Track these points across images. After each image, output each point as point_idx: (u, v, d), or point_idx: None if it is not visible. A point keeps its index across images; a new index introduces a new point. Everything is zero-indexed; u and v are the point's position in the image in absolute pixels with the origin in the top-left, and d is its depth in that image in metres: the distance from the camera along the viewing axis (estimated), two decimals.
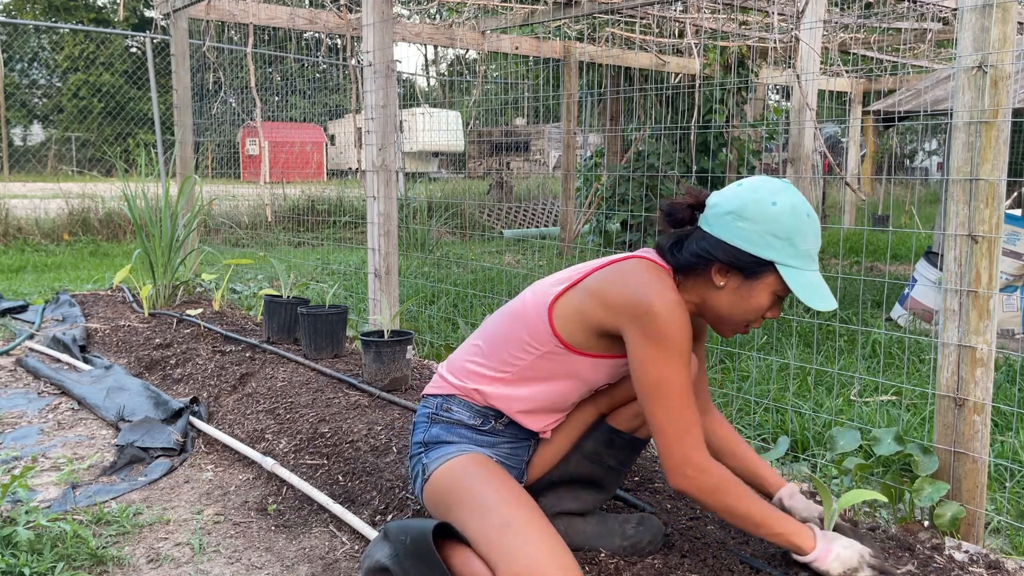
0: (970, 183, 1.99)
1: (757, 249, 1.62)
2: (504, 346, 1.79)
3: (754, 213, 1.62)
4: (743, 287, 1.66)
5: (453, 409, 1.81)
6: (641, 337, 1.61)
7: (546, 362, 1.75)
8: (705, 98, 8.13)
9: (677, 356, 1.59)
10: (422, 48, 29.09)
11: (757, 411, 3.17)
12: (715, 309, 1.71)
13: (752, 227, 1.62)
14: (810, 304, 1.59)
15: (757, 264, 1.63)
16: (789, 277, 1.62)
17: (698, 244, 1.66)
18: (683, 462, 1.60)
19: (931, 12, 6.76)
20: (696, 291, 1.72)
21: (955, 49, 2.04)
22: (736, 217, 1.63)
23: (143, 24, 26.89)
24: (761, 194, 1.64)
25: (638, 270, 1.68)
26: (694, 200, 1.72)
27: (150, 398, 3.18)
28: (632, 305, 1.62)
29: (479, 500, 1.63)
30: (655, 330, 1.59)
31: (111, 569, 2.01)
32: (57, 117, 24.64)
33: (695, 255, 1.66)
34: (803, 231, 1.63)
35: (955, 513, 2.05)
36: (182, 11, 5.82)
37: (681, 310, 1.61)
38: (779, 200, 1.63)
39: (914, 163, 23.64)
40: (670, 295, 1.61)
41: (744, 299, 1.67)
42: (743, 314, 1.69)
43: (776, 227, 1.62)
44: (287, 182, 12.04)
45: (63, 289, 5.74)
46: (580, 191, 9.49)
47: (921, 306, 5.05)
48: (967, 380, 2.04)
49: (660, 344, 1.59)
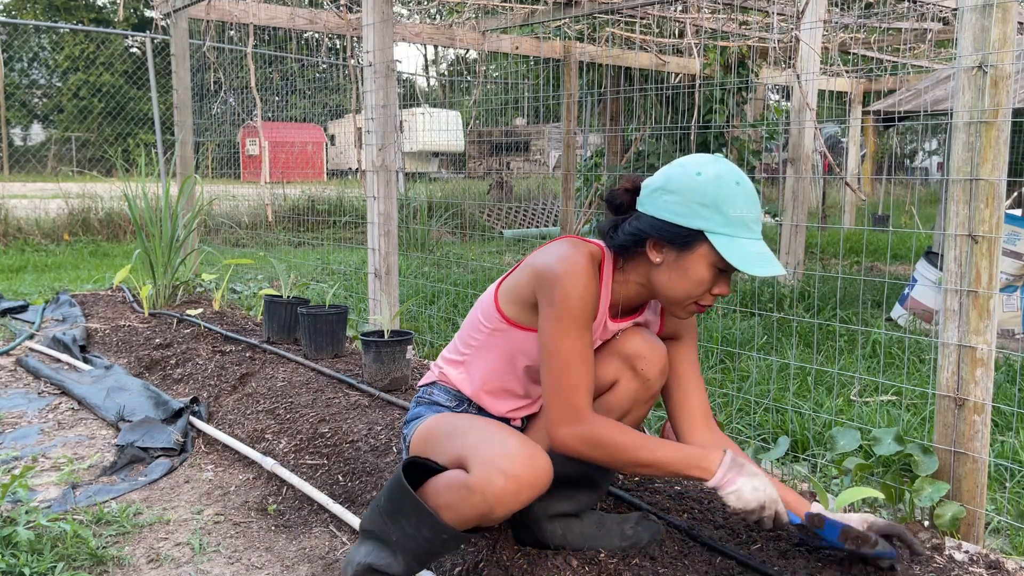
0: (970, 183, 1.99)
1: (684, 219, 1.63)
2: (466, 330, 1.90)
3: (679, 185, 1.65)
4: (679, 260, 1.66)
5: (435, 393, 1.92)
6: (544, 302, 1.67)
7: (494, 339, 1.82)
8: (705, 98, 8.13)
9: (572, 322, 1.64)
10: (422, 48, 29.09)
11: (757, 411, 3.17)
12: (659, 287, 1.72)
13: (678, 198, 1.64)
14: (748, 271, 1.57)
15: (687, 235, 1.64)
16: (721, 245, 1.61)
17: (632, 224, 1.70)
18: (558, 422, 1.65)
19: (931, 12, 6.76)
20: (638, 272, 1.75)
21: (955, 49, 2.04)
22: (663, 191, 1.66)
23: (143, 24, 26.88)
24: (687, 167, 1.66)
25: (563, 244, 1.73)
26: (631, 185, 1.76)
27: (150, 398, 3.18)
28: (542, 272, 1.68)
29: (450, 430, 1.74)
30: (553, 295, 1.65)
31: (111, 569, 2.01)
32: (57, 117, 24.65)
33: (629, 234, 1.70)
34: (731, 198, 1.63)
35: (955, 513, 2.05)
36: (182, 11, 5.82)
37: (584, 280, 1.65)
38: (704, 170, 1.64)
39: (914, 163, 23.64)
40: (578, 265, 1.66)
41: (683, 273, 1.67)
42: (686, 290, 1.68)
43: (701, 196, 1.62)
44: (287, 182, 12.04)
45: (63, 289, 5.74)
46: (580, 191, 9.49)
47: (921, 306, 5.05)
48: (967, 380, 2.04)
49: (557, 309, 1.64)
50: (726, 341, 4.28)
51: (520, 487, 1.54)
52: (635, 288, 1.77)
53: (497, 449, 1.59)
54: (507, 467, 1.54)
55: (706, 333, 4.40)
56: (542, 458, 1.59)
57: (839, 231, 9.31)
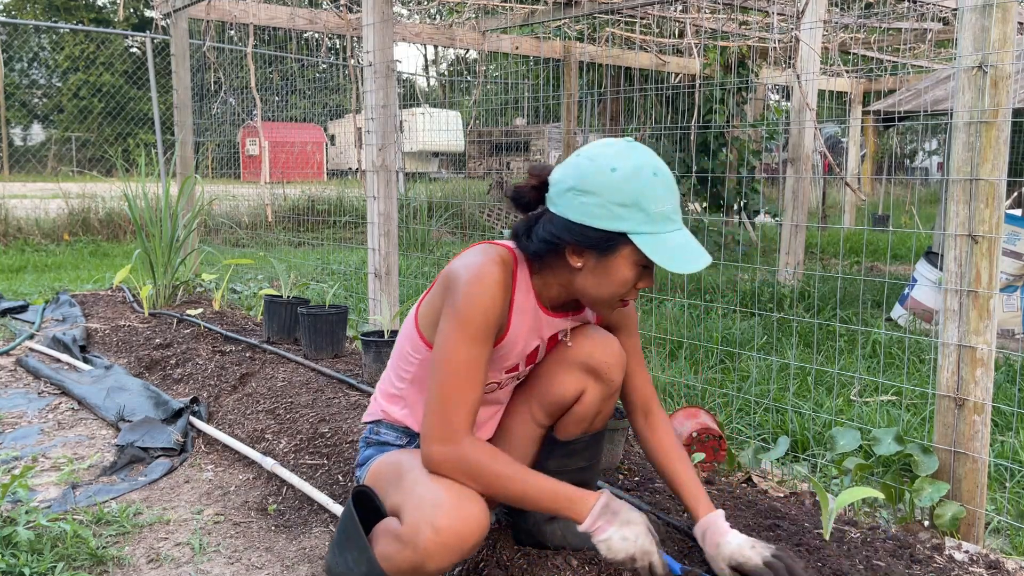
0: (970, 183, 1.99)
1: (604, 222, 1.50)
2: (398, 362, 1.76)
3: (595, 184, 1.50)
4: (601, 264, 1.55)
5: (382, 431, 1.81)
6: (447, 309, 1.56)
7: (427, 371, 1.64)
8: (705, 98, 8.13)
9: (471, 333, 1.52)
10: (422, 48, 29.09)
11: (757, 411, 3.17)
12: (581, 291, 1.60)
13: (594, 200, 1.49)
14: (674, 270, 1.48)
15: (608, 238, 1.51)
16: (645, 245, 1.49)
17: (545, 228, 1.56)
18: (433, 437, 1.52)
19: (931, 12, 6.76)
20: (558, 275, 1.62)
21: (955, 49, 2.04)
22: (577, 192, 1.51)
23: (143, 24, 26.89)
24: (600, 162, 1.51)
25: (473, 252, 1.61)
26: (538, 180, 1.61)
27: (150, 398, 3.18)
28: (449, 281, 1.58)
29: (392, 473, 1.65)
30: (456, 303, 1.53)
31: (111, 569, 2.01)
32: (57, 117, 24.65)
33: (544, 240, 1.56)
34: (651, 193, 1.50)
35: (955, 513, 2.06)
36: (182, 11, 5.82)
37: (491, 291, 1.53)
38: (619, 165, 1.50)
39: (914, 163, 23.64)
40: (485, 275, 1.53)
41: (606, 276, 1.55)
42: (611, 291, 1.57)
43: (620, 195, 1.49)
44: (287, 182, 12.04)
45: (63, 289, 5.74)
46: None
47: (921, 306, 5.05)
48: (967, 380, 2.04)
49: (457, 317, 1.53)
50: (726, 341, 4.28)
51: (449, 540, 1.43)
52: (556, 289, 1.66)
53: (428, 497, 1.48)
54: (435, 518, 1.44)
55: (706, 333, 4.40)
56: (475, 506, 1.47)
57: (839, 231, 9.31)
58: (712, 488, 2.33)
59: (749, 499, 2.23)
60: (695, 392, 3.39)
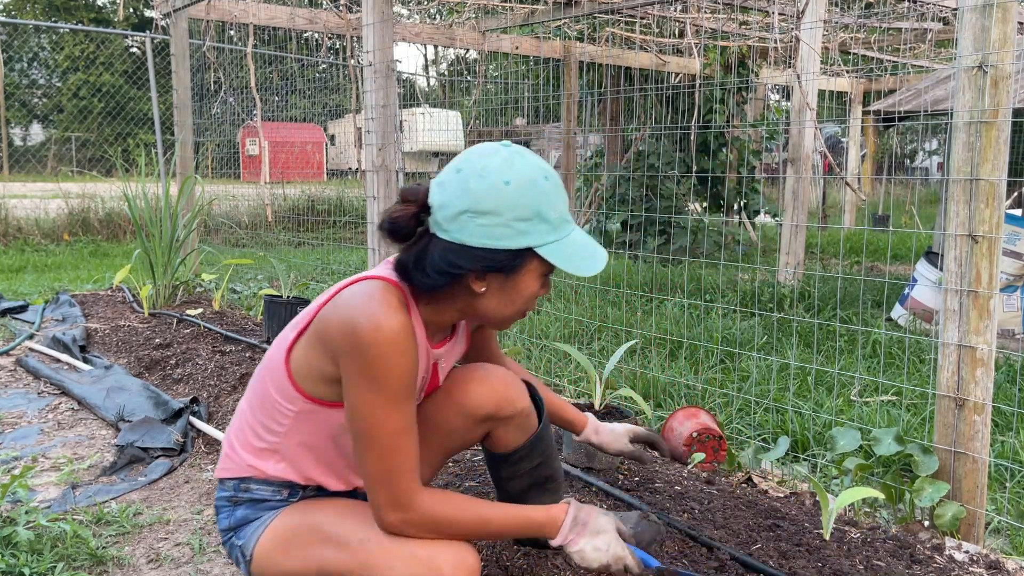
0: (970, 183, 1.99)
1: (508, 241, 1.39)
2: (264, 411, 1.56)
3: (491, 204, 1.37)
4: (507, 284, 1.45)
5: (253, 488, 1.59)
6: (352, 372, 1.38)
7: (306, 423, 1.52)
8: (705, 98, 8.13)
9: (391, 395, 1.37)
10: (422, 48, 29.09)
11: (757, 411, 3.17)
12: (484, 314, 1.49)
13: (495, 220, 1.38)
14: (583, 273, 1.42)
15: (515, 257, 1.41)
16: (553, 256, 1.42)
17: (442, 259, 1.40)
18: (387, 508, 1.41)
19: (931, 12, 6.76)
20: (456, 303, 1.49)
21: (955, 49, 2.04)
22: (473, 215, 1.38)
23: (143, 24, 26.89)
24: (490, 177, 1.39)
25: (357, 296, 1.42)
26: (417, 206, 1.43)
27: (150, 398, 3.18)
28: (342, 338, 1.38)
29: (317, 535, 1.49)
30: (364, 366, 1.36)
31: (111, 569, 2.01)
32: (57, 117, 24.66)
33: (443, 273, 1.40)
34: (548, 200, 1.42)
35: (955, 513, 2.06)
36: (182, 11, 5.82)
37: (401, 340, 1.37)
38: (511, 177, 1.39)
39: (914, 163, 23.65)
40: (395, 329, 1.36)
41: (513, 295, 1.46)
42: (517, 308, 1.49)
43: (520, 210, 1.39)
44: (287, 182, 12.05)
45: (63, 289, 5.74)
46: (580, 191, 9.49)
47: (921, 306, 5.05)
48: (967, 380, 2.04)
49: (371, 382, 1.36)
50: (726, 341, 4.28)
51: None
52: (452, 316, 1.52)
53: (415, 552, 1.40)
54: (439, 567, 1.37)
55: (706, 333, 4.40)
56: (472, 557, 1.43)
57: (839, 231, 9.31)
58: (712, 488, 2.33)
59: (749, 499, 2.23)
60: (695, 392, 3.39)
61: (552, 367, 3.79)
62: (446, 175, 1.43)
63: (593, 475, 2.34)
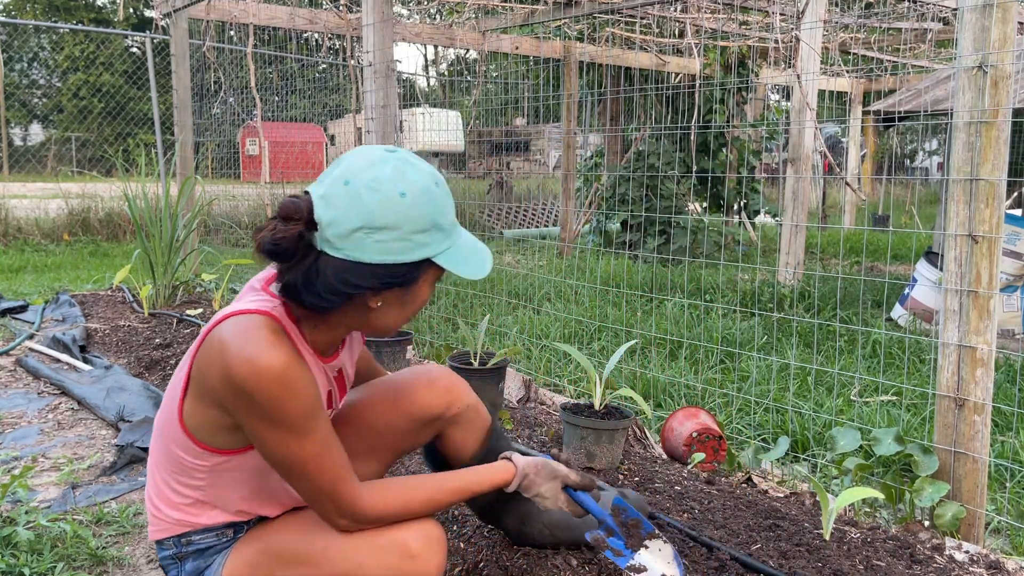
0: (970, 183, 1.99)
1: (407, 255, 1.35)
2: (175, 471, 1.49)
3: (389, 219, 1.32)
4: (404, 296, 1.41)
5: (194, 540, 1.53)
6: (247, 417, 1.34)
7: (224, 473, 1.48)
8: (705, 98, 8.14)
9: (295, 428, 1.34)
10: (422, 48, 29.09)
11: (757, 411, 3.17)
12: (376, 327, 1.46)
13: (392, 235, 1.32)
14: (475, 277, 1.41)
15: (413, 269, 1.37)
16: (449, 263, 1.40)
17: (336, 278, 1.32)
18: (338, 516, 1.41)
19: (931, 12, 6.76)
20: (347, 320, 1.44)
21: (955, 49, 2.04)
22: (369, 231, 1.31)
23: (143, 24, 26.89)
24: (384, 190, 1.32)
25: (229, 338, 1.34)
26: (303, 224, 1.33)
27: (150, 398, 3.18)
28: (225, 389, 1.33)
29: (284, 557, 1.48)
30: (258, 410, 1.32)
31: (111, 569, 2.01)
32: (57, 117, 24.66)
33: (337, 293, 1.34)
34: (442, 207, 1.38)
35: (955, 513, 2.06)
36: (182, 11, 5.82)
37: (287, 377, 1.31)
38: (405, 188, 1.33)
39: (914, 163, 23.66)
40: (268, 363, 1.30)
41: (409, 305, 1.44)
42: (408, 316, 1.47)
43: (418, 222, 1.34)
44: (287, 182, 12.04)
45: (63, 289, 5.74)
46: (580, 191, 9.50)
47: (921, 306, 5.05)
48: (967, 380, 2.04)
49: (270, 423, 1.33)
50: (726, 341, 4.28)
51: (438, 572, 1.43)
52: (341, 333, 1.49)
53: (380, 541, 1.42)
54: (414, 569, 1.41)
55: (706, 333, 4.40)
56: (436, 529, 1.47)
57: (839, 231, 9.32)
58: (712, 488, 2.33)
59: (749, 499, 2.23)
60: (695, 392, 3.39)
61: (552, 367, 3.79)
62: (330, 188, 1.33)
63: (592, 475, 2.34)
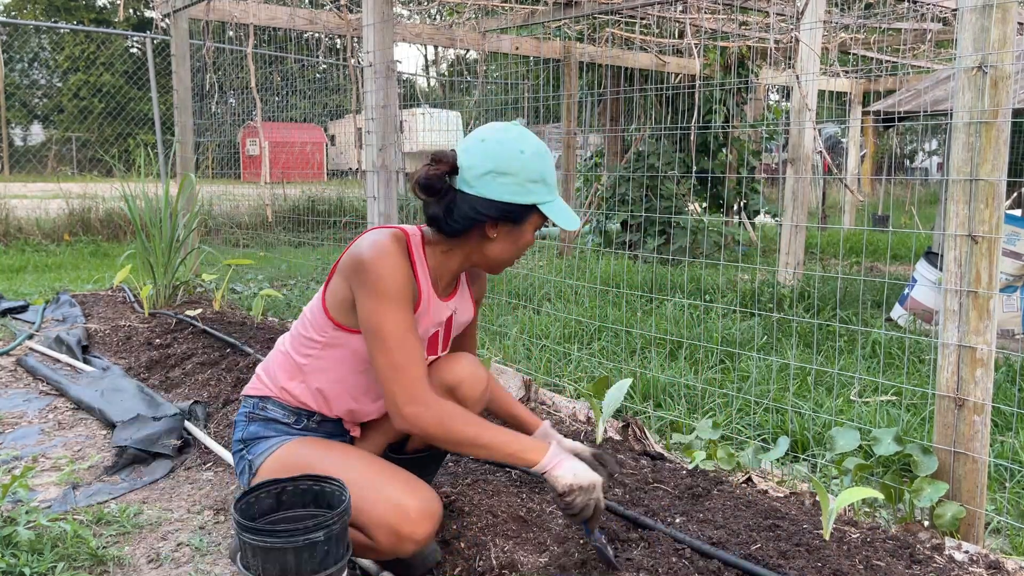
0: (970, 183, 1.99)
1: (521, 197, 1.75)
2: (301, 343, 1.89)
3: (511, 166, 1.74)
4: (513, 232, 1.81)
5: (269, 408, 1.91)
6: (360, 290, 1.73)
7: (333, 350, 1.85)
8: (705, 98, 8.14)
9: (390, 302, 1.70)
10: (422, 48, 29.06)
11: (757, 411, 3.17)
12: (491, 257, 1.84)
13: (513, 179, 1.74)
14: (565, 227, 1.77)
15: (524, 210, 1.78)
16: (550, 211, 1.79)
17: (470, 208, 1.75)
18: (402, 402, 1.69)
19: (931, 12, 6.76)
20: (468, 247, 1.84)
21: (955, 49, 2.04)
22: (496, 174, 1.74)
23: (143, 24, 26.88)
24: (509, 146, 1.75)
25: (367, 235, 1.80)
26: (448, 166, 1.77)
27: (145, 400, 3.18)
28: (351, 265, 1.75)
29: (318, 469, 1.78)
30: (367, 279, 1.71)
31: (111, 569, 2.01)
32: (57, 117, 24.63)
33: (469, 219, 1.76)
34: (549, 168, 1.80)
35: (955, 513, 2.06)
36: (182, 11, 5.82)
37: (394, 260, 1.72)
38: (525, 148, 1.76)
39: (914, 163, 23.65)
40: (385, 248, 1.73)
41: (516, 242, 1.82)
42: (514, 253, 1.85)
43: (531, 173, 1.75)
44: (287, 182, 12.04)
45: (63, 289, 5.74)
46: (580, 191, 9.49)
47: (921, 306, 5.05)
48: (967, 380, 2.04)
49: (373, 293, 1.70)
50: (726, 341, 4.28)
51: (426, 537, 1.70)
52: (460, 259, 1.86)
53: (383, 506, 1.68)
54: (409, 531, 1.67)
55: (706, 333, 4.40)
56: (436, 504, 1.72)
57: (839, 231, 9.31)
58: (712, 488, 2.33)
59: (749, 499, 2.23)
60: (695, 392, 3.39)
61: (552, 367, 3.79)
62: (470, 143, 1.77)
63: None
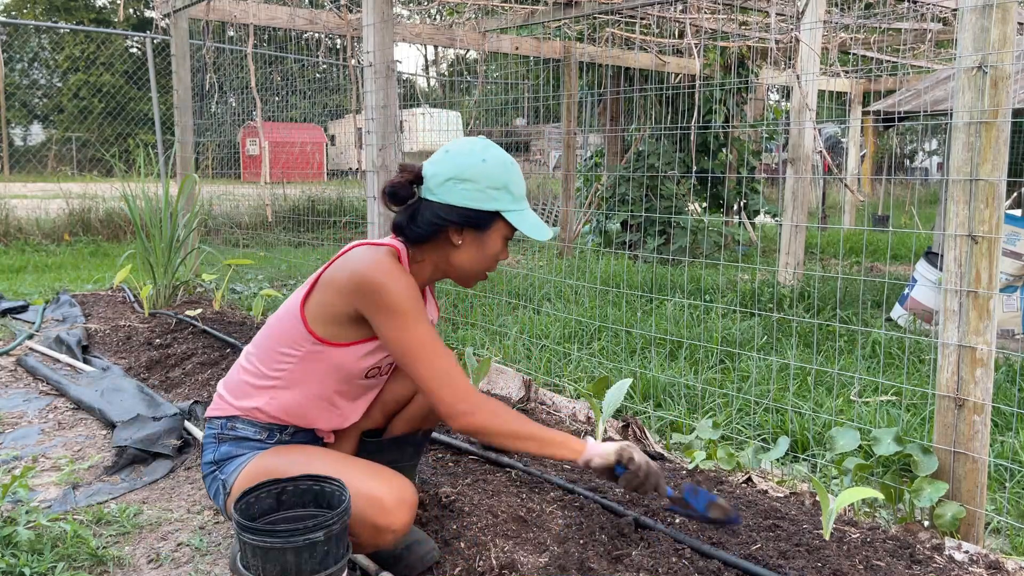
0: (970, 183, 1.99)
1: (483, 204, 1.80)
2: (271, 357, 1.88)
3: (472, 173, 1.79)
4: (478, 240, 1.84)
5: (238, 427, 1.90)
6: (378, 314, 1.75)
7: (311, 363, 1.85)
8: (705, 98, 8.14)
9: (412, 317, 1.74)
10: (422, 48, 29.07)
11: (757, 411, 3.17)
12: (458, 266, 1.88)
13: (473, 186, 1.79)
14: (536, 238, 1.80)
15: (487, 217, 1.82)
16: (514, 220, 1.83)
17: (431, 213, 1.81)
18: (454, 405, 1.74)
19: (931, 12, 6.76)
20: (437, 255, 1.88)
21: (955, 49, 2.04)
22: (457, 181, 1.79)
23: (143, 24, 26.88)
24: (472, 155, 1.81)
25: (364, 252, 1.82)
26: (412, 176, 1.83)
27: (144, 400, 3.18)
28: (357, 288, 1.76)
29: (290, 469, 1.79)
30: (385, 301, 1.74)
31: (111, 569, 2.01)
32: (57, 117, 24.61)
33: (431, 224, 1.81)
34: (514, 178, 1.84)
35: (955, 513, 2.06)
36: (182, 11, 5.82)
37: (405, 279, 1.76)
38: (487, 156, 1.82)
39: (914, 163, 23.64)
40: (393, 267, 1.77)
41: (481, 250, 1.86)
42: (484, 263, 1.88)
43: (493, 180, 1.80)
44: (287, 182, 12.04)
45: (63, 289, 5.74)
46: (580, 191, 9.49)
47: (921, 306, 5.05)
48: (967, 380, 2.04)
49: (397, 313, 1.74)
50: (726, 341, 4.28)
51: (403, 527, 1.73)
52: (430, 270, 1.91)
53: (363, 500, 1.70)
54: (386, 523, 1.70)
55: (706, 333, 4.40)
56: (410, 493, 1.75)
57: (839, 231, 9.31)
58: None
59: (749, 499, 2.23)
60: (695, 392, 3.39)
61: (552, 367, 3.79)
62: (437, 155, 1.84)
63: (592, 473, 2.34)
